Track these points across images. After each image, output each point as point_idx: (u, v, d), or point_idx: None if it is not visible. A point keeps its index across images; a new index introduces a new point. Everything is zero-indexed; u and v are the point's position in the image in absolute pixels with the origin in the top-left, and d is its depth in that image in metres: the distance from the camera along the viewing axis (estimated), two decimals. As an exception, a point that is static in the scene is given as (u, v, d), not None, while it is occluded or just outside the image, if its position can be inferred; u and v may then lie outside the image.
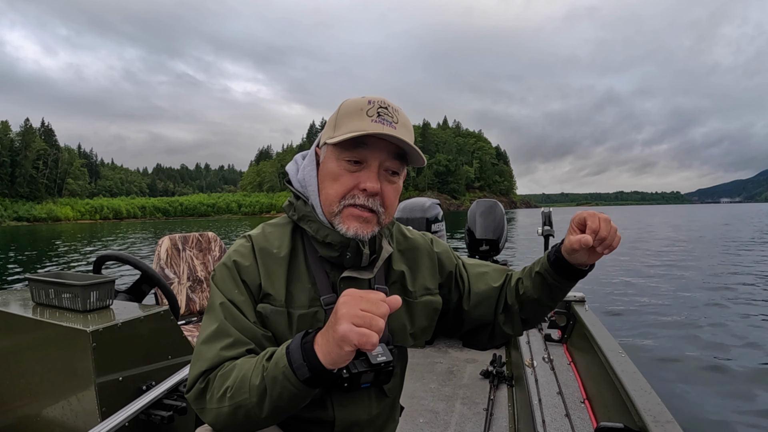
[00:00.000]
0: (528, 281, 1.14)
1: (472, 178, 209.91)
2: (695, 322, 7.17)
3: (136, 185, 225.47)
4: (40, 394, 1.63)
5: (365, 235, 1.00)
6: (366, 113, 0.96)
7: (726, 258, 15.11)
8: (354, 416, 1.05)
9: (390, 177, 1.01)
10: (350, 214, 0.99)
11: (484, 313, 1.20)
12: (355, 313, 0.74)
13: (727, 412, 4.21)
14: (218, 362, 0.92)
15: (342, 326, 0.74)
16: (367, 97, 1.00)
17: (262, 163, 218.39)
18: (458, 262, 1.24)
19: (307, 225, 1.04)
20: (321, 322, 1.00)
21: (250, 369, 0.86)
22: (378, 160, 0.98)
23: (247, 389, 0.84)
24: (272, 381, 0.82)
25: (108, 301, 1.74)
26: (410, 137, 1.00)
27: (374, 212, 0.99)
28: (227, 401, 0.86)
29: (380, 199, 1.00)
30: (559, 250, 1.06)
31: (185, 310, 2.93)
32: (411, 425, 2.48)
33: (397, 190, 1.04)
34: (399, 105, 1.01)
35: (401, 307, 1.11)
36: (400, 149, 0.99)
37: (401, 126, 0.98)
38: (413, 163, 1.04)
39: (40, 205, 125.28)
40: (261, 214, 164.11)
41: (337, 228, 1.00)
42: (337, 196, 0.99)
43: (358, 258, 1.02)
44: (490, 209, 4.80)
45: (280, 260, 1.03)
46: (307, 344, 0.81)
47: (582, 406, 2.02)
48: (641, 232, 29.38)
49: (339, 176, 0.99)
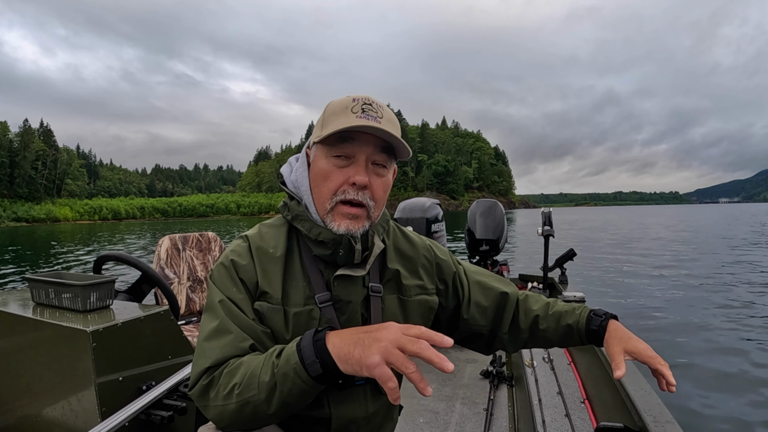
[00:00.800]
0: (553, 325, 1.20)
1: (470, 179, 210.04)
2: (695, 322, 7.19)
3: (134, 186, 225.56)
4: (40, 394, 1.63)
5: (356, 231, 1.02)
6: (351, 110, 0.98)
7: (726, 258, 15.13)
8: (350, 414, 1.06)
9: (378, 170, 1.03)
10: (340, 212, 1.01)
11: (482, 323, 1.23)
12: (392, 351, 0.77)
13: (727, 412, 4.21)
14: (221, 359, 0.92)
15: (374, 358, 0.77)
16: (352, 95, 1.02)
17: (261, 163, 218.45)
18: (458, 269, 1.25)
19: (300, 224, 1.06)
20: (316, 319, 1.02)
21: (258, 366, 0.87)
22: (365, 154, 1.00)
23: (256, 385, 0.85)
24: (283, 377, 0.83)
25: (108, 301, 1.74)
26: (395, 131, 1.01)
27: (364, 206, 1.01)
28: (234, 398, 0.87)
29: (369, 193, 1.02)
30: (602, 326, 1.13)
31: (185, 310, 2.93)
32: (411, 425, 2.48)
33: (386, 183, 1.06)
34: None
35: (395, 305, 1.12)
36: (387, 143, 1.01)
37: (386, 120, 1.00)
38: (400, 156, 1.06)
39: (39, 205, 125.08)
40: (260, 215, 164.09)
41: (329, 226, 1.02)
42: (329, 192, 1.01)
43: (350, 255, 1.04)
44: (490, 209, 4.80)
45: (276, 259, 1.04)
46: (319, 342, 0.83)
47: (582, 406, 2.02)
48: (641, 232, 29.41)
49: (329, 173, 1.01)
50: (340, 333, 0.84)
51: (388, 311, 1.10)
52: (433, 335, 0.80)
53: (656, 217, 61.58)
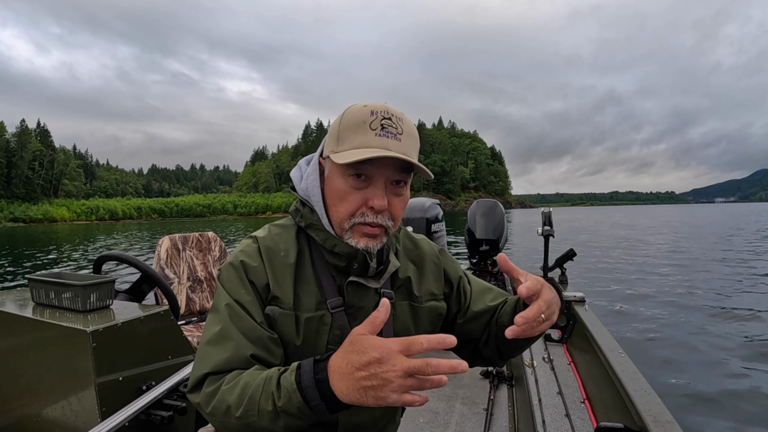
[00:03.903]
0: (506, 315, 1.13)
1: (467, 179, 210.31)
2: (695, 321, 7.21)
3: (131, 186, 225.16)
4: (40, 394, 1.62)
5: (374, 247, 0.99)
6: (369, 126, 0.94)
7: (725, 258, 15.17)
8: (357, 419, 1.05)
9: (397, 189, 0.99)
10: (359, 232, 0.99)
11: (473, 330, 1.19)
12: (406, 386, 0.72)
13: (727, 412, 4.22)
14: (220, 366, 0.91)
15: (391, 399, 0.72)
16: (369, 106, 0.97)
17: (258, 163, 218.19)
18: (463, 275, 1.24)
19: (315, 233, 1.04)
20: (327, 325, 1.00)
21: (258, 391, 0.84)
22: (384, 176, 0.97)
23: (256, 413, 0.83)
24: (286, 414, 0.81)
25: (108, 301, 1.73)
26: (415, 145, 0.99)
27: (383, 226, 0.99)
28: (234, 420, 0.85)
29: (388, 213, 0.99)
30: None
31: (185, 310, 2.92)
32: (411, 425, 2.48)
33: (405, 200, 1.03)
34: (396, 105, 0.99)
35: (406, 311, 1.11)
36: (409, 162, 0.96)
37: (406, 136, 0.97)
38: (421, 173, 1.00)
39: (36, 206, 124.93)
40: (256, 215, 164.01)
41: (347, 241, 0.99)
42: (347, 214, 0.98)
43: (365, 268, 1.02)
44: (490, 209, 4.81)
45: (287, 263, 1.02)
46: (322, 383, 0.79)
47: (582, 406, 2.03)
48: (640, 231, 29.48)
49: (346, 195, 0.97)
50: (341, 374, 0.77)
51: (399, 318, 1.09)
52: (437, 342, 0.74)
53: (645, 218, 61.61)
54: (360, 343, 0.76)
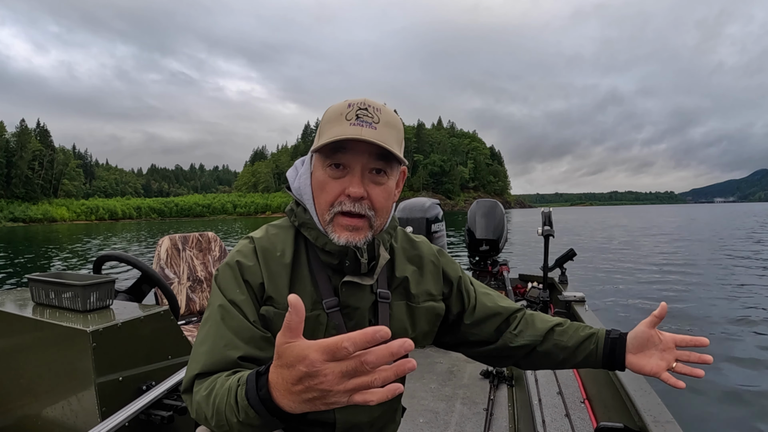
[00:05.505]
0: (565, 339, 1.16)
1: (466, 179, 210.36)
2: (695, 321, 7.20)
3: (130, 186, 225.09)
4: (40, 394, 1.62)
5: (357, 242, 0.99)
6: (345, 117, 0.95)
7: (725, 257, 15.18)
8: (355, 418, 1.06)
9: (376, 178, 0.99)
10: (339, 223, 0.99)
11: (483, 331, 1.20)
12: (352, 389, 0.65)
13: (727, 412, 4.22)
14: (208, 367, 0.90)
15: (341, 402, 0.66)
16: (348, 100, 0.99)
17: (257, 163, 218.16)
18: (462, 276, 1.24)
19: (307, 232, 1.04)
20: (323, 325, 1.01)
21: (222, 402, 0.81)
22: (360, 164, 0.97)
23: (226, 424, 0.81)
24: (251, 426, 0.78)
25: (108, 301, 1.74)
26: (395, 135, 0.98)
27: (364, 216, 0.98)
28: (214, 427, 0.84)
29: (368, 202, 0.99)
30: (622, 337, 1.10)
31: (185, 310, 2.92)
32: (411, 425, 2.48)
33: (387, 190, 1.01)
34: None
35: (403, 311, 1.11)
36: (384, 148, 0.96)
37: (383, 125, 0.96)
38: (398, 159, 1.00)
39: (35, 206, 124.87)
40: (256, 215, 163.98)
41: (330, 237, 0.99)
42: (327, 204, 0.99)
43: (357, 265, 1.02)
44: (490, 209, 4.81)
45: (283, 263, 1.02)
46: (266, 401, 0.73)
47: (582, 406, 2.03)
48: (640, 232, 29.49)
49: (325, 184, 0.99)
50: (280, 391, 0.70)
51: (395, 318, 1.09)
52: (365, 341, 0.62)
53: (645, 218, 61.67)
54: (285, 356, 0.68)
